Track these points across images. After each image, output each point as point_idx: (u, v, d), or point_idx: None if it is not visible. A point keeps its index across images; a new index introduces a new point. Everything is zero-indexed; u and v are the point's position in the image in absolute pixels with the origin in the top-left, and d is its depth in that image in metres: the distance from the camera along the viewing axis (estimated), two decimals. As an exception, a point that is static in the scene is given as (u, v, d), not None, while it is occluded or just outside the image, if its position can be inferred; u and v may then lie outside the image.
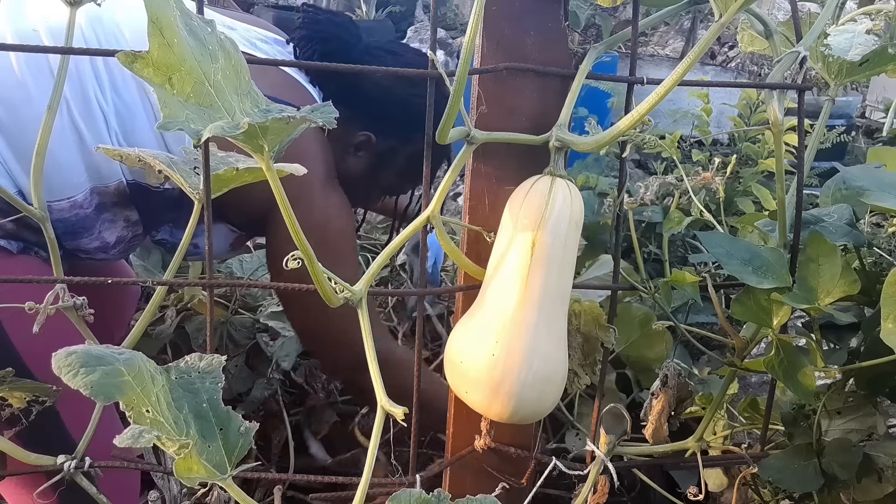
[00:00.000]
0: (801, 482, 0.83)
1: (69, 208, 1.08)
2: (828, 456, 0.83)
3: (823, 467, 0.83)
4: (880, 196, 0.78)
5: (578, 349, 0.81)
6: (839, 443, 0.84)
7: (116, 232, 1.16)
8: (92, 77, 1.07)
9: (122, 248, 1.20)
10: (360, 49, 1.29)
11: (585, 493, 0.82)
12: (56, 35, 1.05)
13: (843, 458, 0.82)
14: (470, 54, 0.63)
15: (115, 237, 1.16)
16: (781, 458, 0.85)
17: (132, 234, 1.19)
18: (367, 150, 1.31)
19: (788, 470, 0.84)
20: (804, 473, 0.83)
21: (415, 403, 0.80)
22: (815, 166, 2.13)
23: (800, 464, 0.84)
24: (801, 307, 0.74)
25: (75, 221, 1.10)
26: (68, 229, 1.10)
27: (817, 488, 0.82)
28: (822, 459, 0.83)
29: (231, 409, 0.62)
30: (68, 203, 1.08)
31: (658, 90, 0.63)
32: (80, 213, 1.10)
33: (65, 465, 0.75)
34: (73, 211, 1.09)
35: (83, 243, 1.14)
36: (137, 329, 0.79)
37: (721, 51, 4.98)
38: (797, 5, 0.79)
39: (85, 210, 1.10)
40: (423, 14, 5.09)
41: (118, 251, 1.20)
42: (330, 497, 0.85)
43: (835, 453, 0.83)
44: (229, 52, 0.58)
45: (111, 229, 1.15)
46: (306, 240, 0.58)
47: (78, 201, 1.08)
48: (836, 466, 0.82)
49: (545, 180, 0.71)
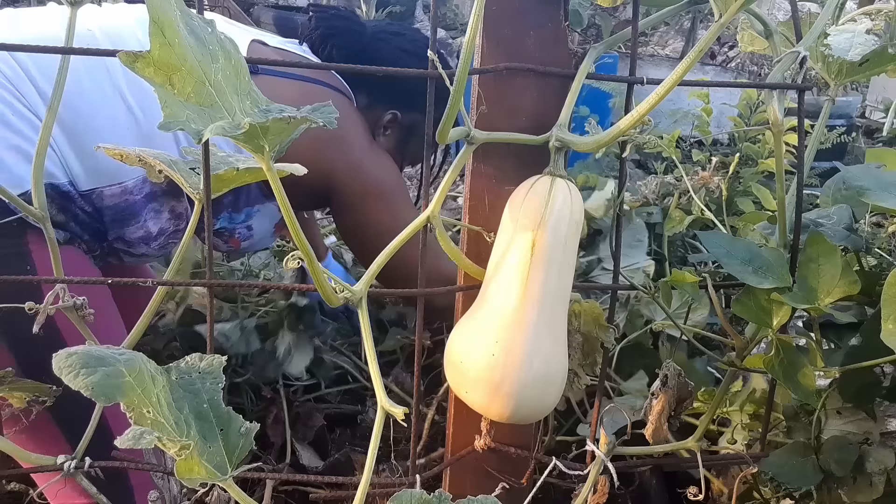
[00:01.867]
0: (800, 477, 0.84)
1: (120, 193, 1.11)
2: (825, 453, 0.84)
3: (821, 464, 0.84)
4: (881, 195, 0.78)
5: (578, 349, 0.81)
6: (837, 440, 0.85)
7: (160, 223, 1.19)
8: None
9: (163, 241, 1.22)
10: (368, 35, 1.41)
11: (585, 493, 0.82)
12: (111, 36, 1.12)
13: (840, 456, 0.83)
14: (470, 54, 0.63)
15: (159, 228, 1.19)
16: (781, 454, 0.87)
17: (174, 227, 1.22)
18: (394, 127, 1.42)
19: (788, 466, 0.85)
20: (803, 469, 0.84)
21: (415, 404, 0.80)
22: (815, 166, 2.12)
23: (798, 460, 0.85)
24: (801, 307, 0.74)
25: (124, 207, 1.13)
26: (116, 216, 1.13)
27: (815, 483, 0.83)
28: (820, 457, 0.84)
29: (231, 409, 0.62)
30: (119, 188, 1.11)
31: (658, 90, 0.63)
32: (130, 199, 1.12)
33: (65, 464, 0.75)
34: (123, 196, 1.12)
35: (128, 232, 1.16)
36: (137, 329, 0.79)
37: (721, 51, 4.98)
38: (797, 5, 0.79)
39: (135, 196, 1.13)
40: (423, 14, 5.09)
41: (158, 245, 1.22)
42: (330, 497, 0.85)
43: (832, 451, 0.84)
44: (229, 52, 0.58)
45: (156, 219, 1.18)
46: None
47: (129, 187, 1.11)
48: (832, 463, 0.83)
49: (545, 180, 0.71)
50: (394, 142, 1.44)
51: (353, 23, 1.41)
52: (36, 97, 1.04)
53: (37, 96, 1.04)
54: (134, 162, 0.79)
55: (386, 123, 1.41)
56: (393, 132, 1.43)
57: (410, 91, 1.36)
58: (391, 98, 1.40)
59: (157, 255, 1.29)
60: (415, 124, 1.43)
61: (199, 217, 0.76)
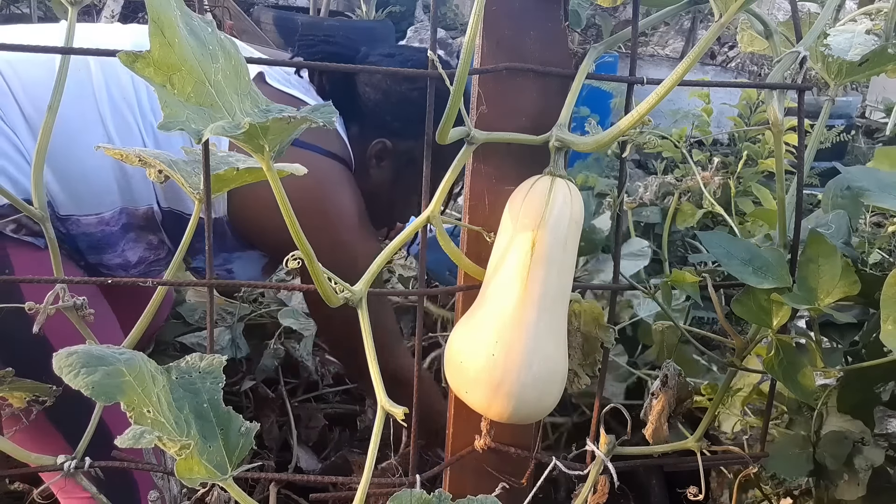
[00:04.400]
0: (795, 468, 0.87)
1: (96, 223, 1.10)
2: (822, 448, 0.87)
3: (817, 458, 0.86)
4: (880, 197, 0.79)
5: (578, 349, 0.81)
6: (834, 435, 0.87)
7: (139, 252, 1.18)
8: (132, 95, 1.10)
9: (143, 268, 1.21)
10: (359, 60, 1.30)
11: (585, 493, 0.82)
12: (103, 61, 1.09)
13: (835, 450, 0.85)
14: (470, 54, 0.63)
15: (138, 257, 1.18)
16: (779, 445, 0.89)
17: (154, 256, 1.21)
18: (387, 157, 1.30)
19: (783, 457, 0.88)
20: (798, 461, 0.87)
21: (415, 404, 0.80)
22: (815, 166, 2.12)
23: (795, 452, 0.88)
24: (801, 307, 0.74)
25: (101, 237, 1.12)
26: (93, 244, 1.12)
27: (805, 474, 0.87)
28: (817, 451, 0.87)
29: (231, 409, 0.62)
30: (96, 219, 1.10)
31: (658, 90, 0.63)
32: (107, 230, 1.11)
33: (65, 464, 0.75)
34: (99, 227, 1.11)
35: (105, 258, 1.16)
36: (138, 329, 0.79)
37: (721, 51, 4.98)
38: (797, 5, 0.79)
39: (111, 228, 1.12)
40: (423, 14, 5.08)
41: (138, 271, 1.21)
42: (330, 497, 0.84)
43: (828, 444, 0.86)
44: (229, 53, 0.58)
45: (134, 249, 1.17)
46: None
47: (105, 218, 1.10)
48: (827, 457, 0.85)
49: (545, 180, 0.71)
50: (390, 174, 1.31)
51: (342, 47, 1.31)
52: (17, 115, 1.03)
53: (18, 114, 1.03)
54: (134, 162, 0.79)
55: (377, 154, 1.29)
56: (388, 164, 1.30)
57: (397, 117, 1.28)
58: (380, 127, 1.29)
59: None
60: (409, 152, 1.29)
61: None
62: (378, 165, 1.30)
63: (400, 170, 1.31)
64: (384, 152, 1.29)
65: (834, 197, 0.88)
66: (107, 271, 1.19)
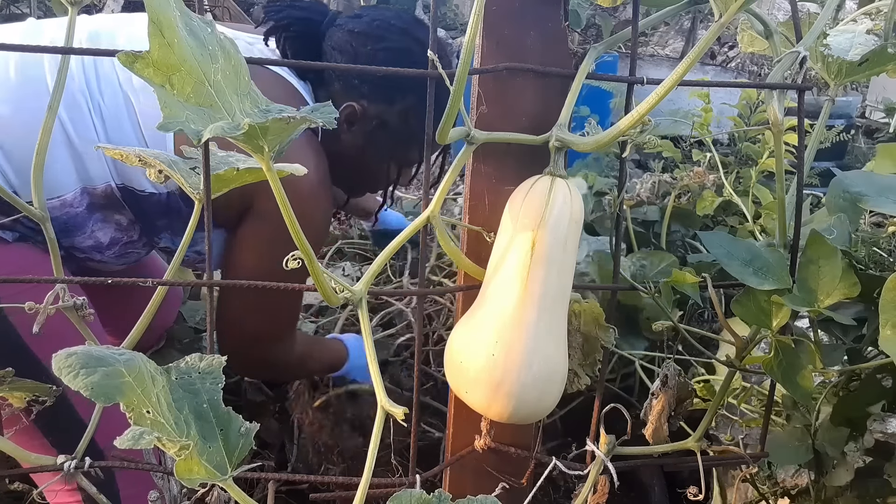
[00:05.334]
0: (794, 456, 0.90)
1: (59, 206, 1.10)
2: (820, 436, 0.89)
3: (816, 448, 0.89)
4: (877, 201, 0.79)
5: (578, 349, 0.81)
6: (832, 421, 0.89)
7: (109, 233, 1.17)
8: (82, 79, 1.09)
9: (118, 250, 1.21)
10: (326, 23, 1.28)
11: (585, 493, 0.82)
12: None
13: (832, 435, 0.88)
14: (470, 54, 0.63)
15: (109, 238, 1.18)
16: (780, 436, 0.91)
17: (127, 237, 1.20)
18: (357, 121, 1.27)
19: (784, 447, 0.91)
20: (797, 450, 0.90)
21: (415, 403, 0.80)
22: (815, 166, 2.12)
23: (794, 443, 0.91)
24: (800, 309, 0.74)
25: (66, 220, 1.11)
26: (61, 227, 1.12)
27: (805, 461, 0.90)
28: (816, 441, 0.89)
29: (231, 409, 0.62)
30: (59, 201, 1.09)
31: (658, 90, 0.63)
32: (71, 211, 1.11)
33: (65, 465, 0.75)
34: (63, 209, 1.10)
35: (77, 241, 1.15)
36: (138, 329, 0.79)
37: (721, 51, 4.98)
38: (797, 5, 0.79)
39: (76, 209, 1.11)
40: (424, 14, 5.08)
41: (114, 253, 1.21)
42: (329, 497, 0.84)
43: (826, 432, 0.89)
44: (229, 53, 0.58)
45: (104, 230, 1.16)
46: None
47: (68, 200, 1.10)
48: (826, 445, 0.88)
49: (545, 180, 0.71)
50: (362, 139, 1.29)
51: (308, 11, 1.28)
52: None
53: None
54: (133, 161, 0.79)
55: (347, 118, 1.26)
56: (358, 128, 1.27)
57: (365, 80, 1.25)
58: (348, 90, 1.26)
59: (117, 265, 1.25)
60: (380, 116, 1.27)
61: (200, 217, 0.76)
62: (349, 130, 1.28)
63: (371, 134, 1.29)
64: (353, 116, 1.26)
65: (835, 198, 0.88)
66: (81, 255, 1.18)
